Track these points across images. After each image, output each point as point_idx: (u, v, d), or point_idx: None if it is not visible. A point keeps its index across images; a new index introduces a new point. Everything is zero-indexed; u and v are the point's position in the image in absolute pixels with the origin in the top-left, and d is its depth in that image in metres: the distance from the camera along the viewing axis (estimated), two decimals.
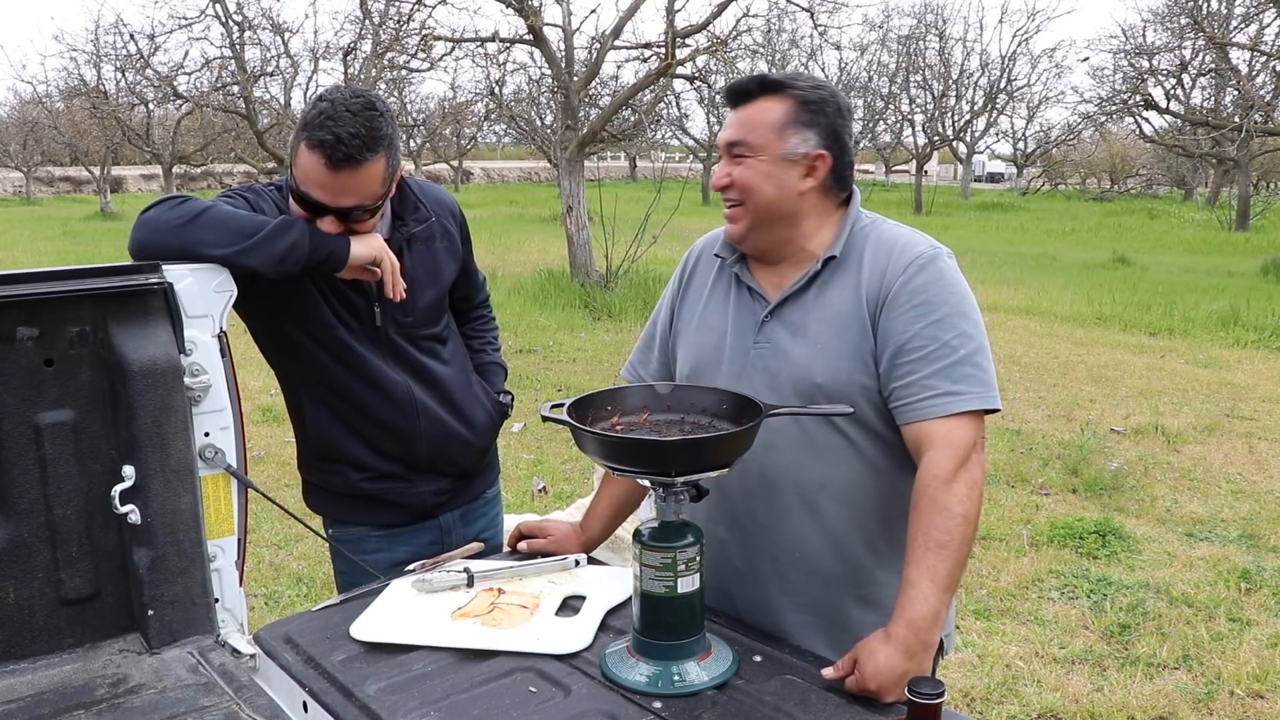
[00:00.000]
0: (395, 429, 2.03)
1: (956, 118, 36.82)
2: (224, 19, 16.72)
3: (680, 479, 1.47)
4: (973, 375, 1.58)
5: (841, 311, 1.65)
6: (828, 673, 1.50)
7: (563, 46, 12.07)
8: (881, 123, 35.99)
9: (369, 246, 1.87)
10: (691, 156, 36.49)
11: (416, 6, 12.94)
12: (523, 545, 2.00)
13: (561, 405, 1.54)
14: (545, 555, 1.95)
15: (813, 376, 1.64)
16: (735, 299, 1.78)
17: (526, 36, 11.87)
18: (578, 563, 1.90)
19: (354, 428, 2.03)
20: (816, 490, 1.68)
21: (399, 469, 2.07)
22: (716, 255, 1.84)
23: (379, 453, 2.05)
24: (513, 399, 2.28)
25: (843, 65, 34.48)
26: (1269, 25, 20.13)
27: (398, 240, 2.00)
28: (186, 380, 1.67)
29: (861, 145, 35.70)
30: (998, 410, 1.59)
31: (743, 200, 1.69)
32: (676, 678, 1.48)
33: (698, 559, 1.50)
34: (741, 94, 1.69)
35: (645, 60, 12.49)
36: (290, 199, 1.87)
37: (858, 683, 1.46)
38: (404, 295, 1.93)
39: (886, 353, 1.61)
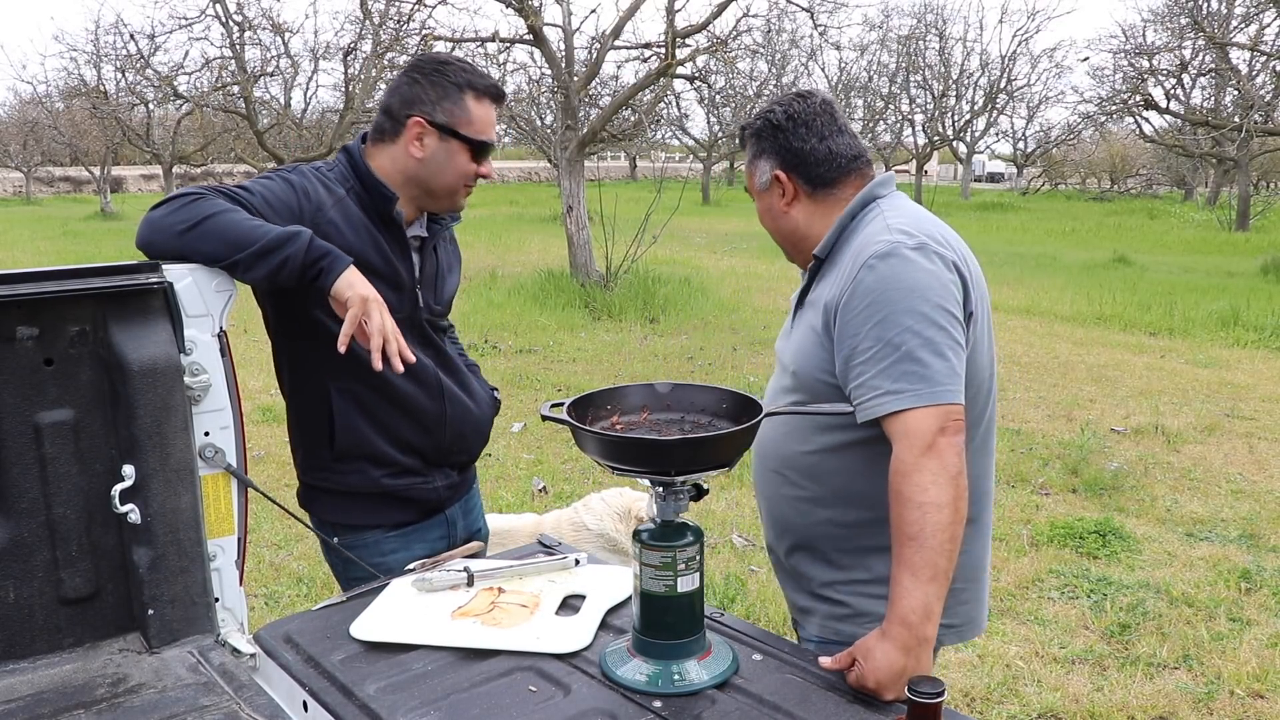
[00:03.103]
0: (424, 415, 2.06)
1: (956, 118, 36.84)
2: (224, 19, 16.74)
3: (680, 478, 1.47)
4: (913, 372, 1.56)
5: (818, 307, 1.73)
6: (825, 662, 1.54)
7: (563, 46, 12.07)
8: (881, 123, 35.99)
9: (354, 286, 1.77)
10: (691, 156, 36.49)
11: (416, 6, 12.95)
12: None
13: (561, 405, 1.54)
14: None
15: (790, 365, 1.78)
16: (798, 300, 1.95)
17: (526, 36, 11.88)
18: (578, 562, 1.90)
19: (381, 421, 2.03)
20: (786, 463, 1.81)
21: (417, 463, 2.09)
22: None
23: (402, 446, 2.06)
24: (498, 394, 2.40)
25: (843, 65, 34.52)
26: (1269, 25, 20.14)
27: (436, 232, 2.09)
28: (186, 379, 1.67)
29: None
30: (948, 404, 1.55)
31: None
32: (676, 677, 1.48)
33: (698, 558, 1.50)
34: (742, 144, 1.88)
35: (645, 60, 12.50)
36: (463, 158, 1.97)
37: (857, 679, 1.48)
38: (398, 359, 1.80)
39: (841, 356, 1.65)
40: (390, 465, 2.06)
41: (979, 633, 1.90)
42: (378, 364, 1.76)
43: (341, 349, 1.76)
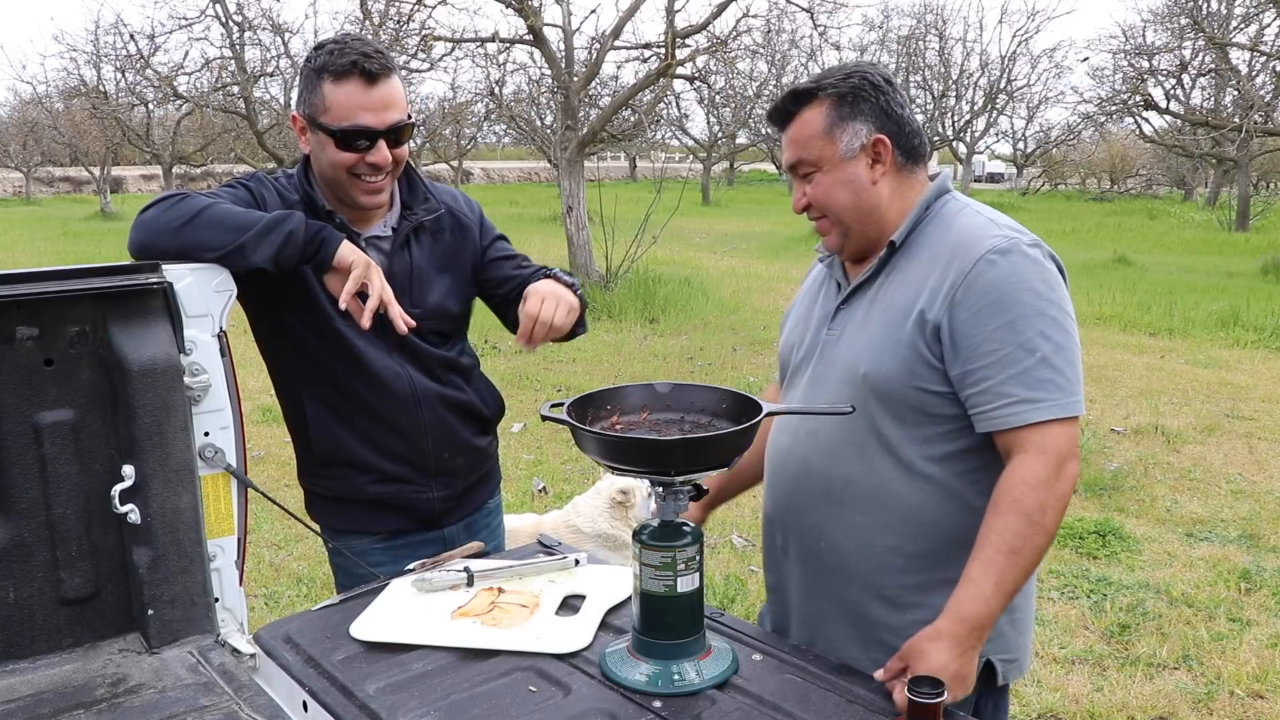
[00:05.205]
0: (397, 425, 1.99)
1: (956, 118, 36.79)
2: (224, 19, 16.72)
3: (680, 478, 1.47)
4: (1050, 380, 1.48)
5: (896, 303, 1.61)
6: (879, 675, 1.47)
7: (563, 46, 12.08)
8: None
9: (356, 252, 1.79)
10: (691, 157, 36.48)
11: (416, 6, 12.94)
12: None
13: (561, 405, 1.54)
14: None
15: (858, 366, 1.62)
16: (825, 290, 1.79)
17: (526, 37, 11.88)
18: (577, 562, 1.90)
19: (357, 428, 2.00)
20: (843, 485, 1.65)
21: (406, 471, 2.03)
22: (817, 250, 1.86)
23: (385, 453, 2.01)
24: (574, 279, 2.04)
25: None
26: (1269, 25, 20.10)
27: (405, 229, 1.98)
28: (186, 380, 1.67)
29: None
30: (1079, 416, 1.51)
31: (825, 214, 1.68)
32: (676, 677, 1.48)
33: (697, 558, 1.50)
34: (782, 115, 1.68)
35: (645, 60, 12.50)
36: (332, 150, 1.84)
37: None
38: (400, 322, 1.81)
39: (960, 358, 1.53)
40: (375, 472, 2.02)
41: (1022, 672, 1.75)
42: (365, 322, 1.75)
43: (343, 305, 1.76)
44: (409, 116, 1.88)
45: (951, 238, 1.60)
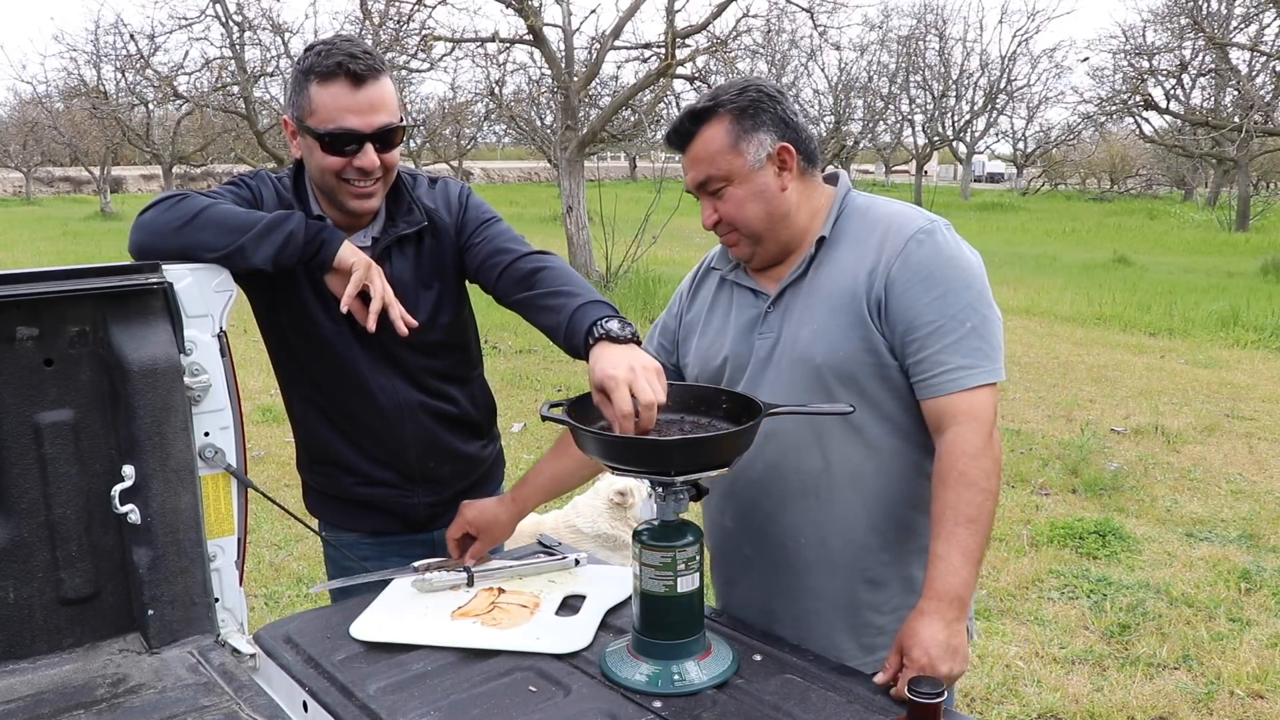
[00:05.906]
0: (381, 434, 1.97)
1: (956, 118, 36.82)
2: (224, 19, 16.73)
3: (680, 478, 1.47)
4: (979, 349, 1.60)
5: (836, 291, 1.66)
6: (879, 678, 1.49)
7: (563, 46, 12.09)
8: (881, 123, 35.96)
9: (357, 253, 1.78)
10: None
11: (416, 6, 12.94)
12: (470, 560, 1.89)
13: (561, 405, 1.54)
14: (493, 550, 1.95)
15: (812, 358, 1.65)
16: (736, 301, 1.80)
17: (526, 37, 11.89)
18: (577, 562, 1.90)
19: (344, 432, 1.99)
20: (818, 478, 1.69)
21: (391, 476, 2.02)
22: (713, 268, 1.86)
23: (370, 458, 2.00)
24: (624, 323, 1.75)
25: (842, 65, 34.44)
26: (1269, 25, 20.12)
27: (385, 240, 1.90)
28: (186, 380, 1.67)
29: (861, 145, 35.68)
30: (1003, 380, 1.63)
31: (736, 227, 1.70)
32: (676, 677, 1.48)
33: (697, 558, 1.50)
34: (681, 135, 1.70)
35: (645, 60, 12.52)
36: (319, 153, 1.78)
37: (912, 671, 1.46)
38: (407, 325, 1.79)
39: (897, 331, 1.62)
40: (359, 475, 2.02)
41: (974, 633, 1.82)
42: (371, 325, 1.75)
43: (345, 307, 1.76)
44: (401, 120, 1.82)
45: (876, 224, 1.68)
